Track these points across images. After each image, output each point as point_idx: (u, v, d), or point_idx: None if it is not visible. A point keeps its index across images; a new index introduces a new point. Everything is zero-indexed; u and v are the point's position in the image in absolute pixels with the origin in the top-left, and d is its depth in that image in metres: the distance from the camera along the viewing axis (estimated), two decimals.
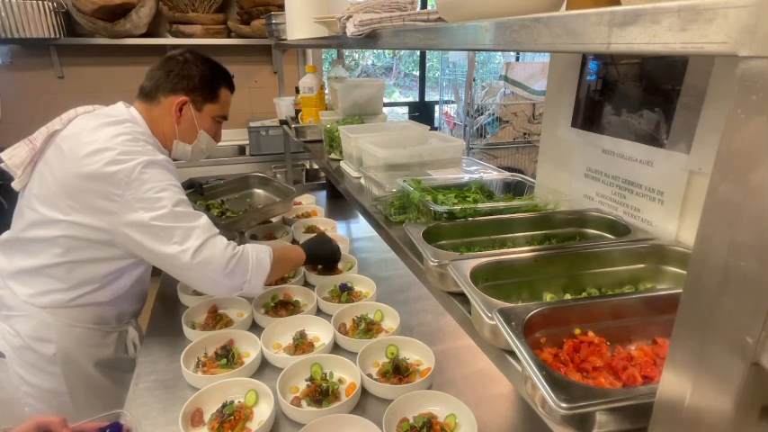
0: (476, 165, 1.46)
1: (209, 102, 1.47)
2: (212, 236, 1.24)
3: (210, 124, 1.51)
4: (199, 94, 1.44)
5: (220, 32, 3.49)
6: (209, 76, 1.45)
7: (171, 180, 1.26)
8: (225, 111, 1.53)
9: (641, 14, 0.36)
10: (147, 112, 1.42)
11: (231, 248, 1.25)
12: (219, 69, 1.51)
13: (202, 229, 1.23)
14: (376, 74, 8.54)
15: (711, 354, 0.35)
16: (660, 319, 0.69)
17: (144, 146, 1.28)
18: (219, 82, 1.48)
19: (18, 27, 2.84)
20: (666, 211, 0.91)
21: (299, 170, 3.48)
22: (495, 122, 4.58)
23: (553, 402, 0.50)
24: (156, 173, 1.23)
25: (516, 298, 0.82)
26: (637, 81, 0.95)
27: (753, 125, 0.30)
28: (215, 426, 1.11)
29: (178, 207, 1.22)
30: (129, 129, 1.30)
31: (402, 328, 1.49)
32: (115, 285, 1.38)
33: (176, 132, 1.44)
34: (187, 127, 1.45)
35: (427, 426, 1.09)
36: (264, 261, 1.31)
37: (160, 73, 1.43)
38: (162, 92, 1.41)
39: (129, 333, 1.51)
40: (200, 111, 1.46)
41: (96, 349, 1.41)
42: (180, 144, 1.47)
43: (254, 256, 1.30)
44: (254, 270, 1.29)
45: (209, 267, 1.21)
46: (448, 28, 0.70)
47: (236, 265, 1.24)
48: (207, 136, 1.51)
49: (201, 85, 1.44)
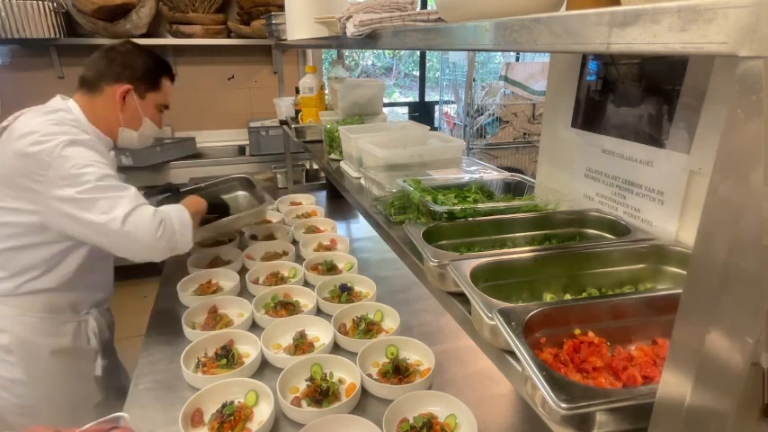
0: (476, 165, 1.46)
1: (151, 90, 1.52)
2: (140, 204, 1.29)
3: (154, 112, 1.56)
4: (142, 83, 1.49)
5: (220, 32, 3.49)
6: (151, 65, 1.51)
7: (95, 157, 1.30)
8: (166, 100, 1.60)
9: (641, 14, 0.36)
10: (89, 101, 1.46)
11: (158, 215, 1.30)
12: (160, 60, 1.57)
13: (129, 198, 1.27)
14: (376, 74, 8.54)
15: (711, 354, 0.35)
16: (660, 319, 0.69)
17: (69, 128, 1.32)
18: (161, 71, 1.55)
19: (18, 27, 2.84)
20: (666, 211, 0.91)
21: (299, 170, 3.48)
22: (495, 122, 4.57)
23: (553, 402, 0.50)
24: (78, 150, 1.27)
25: (516, 298, 0.82)
26: (637, 81, 0.95)
27: (753, 125, 0.30)
28: (215, 426, 1.11)
29: (102, 181, 1.26)
30: (57, 116, 1.36)
31: (402, 329, 1.49)
32: (58, 271, 1.40)
33: (121, 120, 1.49)
34: (131, 114, 1.50)
35: (427, 426, 1.09)
36: (186, 219, 1.39)
37: (102, 63, 1.47)
38: (105, 81, 1.45)
39: (89, 323, 1.53)
40: (144, 99, 1.51)
41: (51, 338, 1.43)
42: (125, 131, 1.52)
43: (176, 216, 1.36)
44: (180, 228, 1.36)
45: (141, 233, 1.26)
46: (448, 28, 0.70)
47: (165, 227, 1.30)
48: (151, 124, 1.57)
49: (144, 75, 1.49)
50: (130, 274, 3.35)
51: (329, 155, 1.89)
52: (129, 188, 1.31)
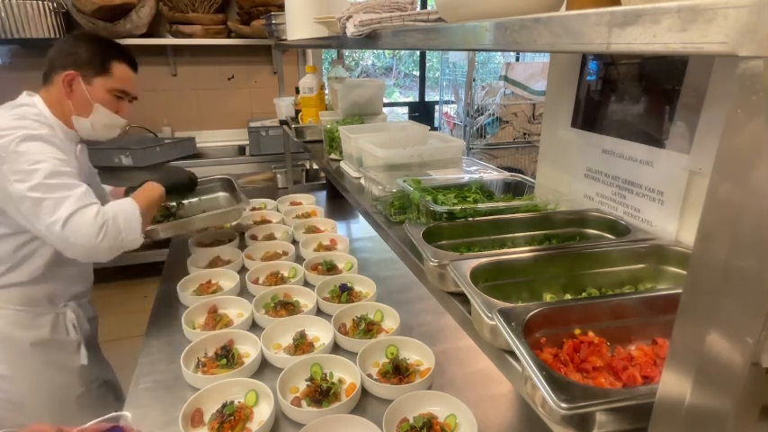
0: (476, 165, 1.46)
1: (99, 75, 1.46)
2: (84, 206, 1.26)
3: (107, 98, 1.49)
4: (88, 69, 1.45)
5: (220, 32, 3.50)
6: (96, 49, 1.46)
7: (50, 152, 1.29)
8: (123, 85, 1.52)
9: (641, 14, 0.36)
10: (47, 94, 1.46)
11: (101, 216, 1.27)
12: (111, 44, 1.52)
13: (75, 198, 1.26)
14: (376, 74, 8.54)
15: (711, 354, 0.35)
16: (660, 319, 0.69)
17: (30, 123, 1.32)
18: (110, 55, 1.48)
19: (18, 27, 2.84)
20: (666, 211, 0.91)
21: (299, 170, 3.48)
22: (495, 122, 4.57)
23: (553, 402, 0.50)
24: (33, 145, 1.27)
25: (516, 298, 0.82)
26: (637, 81, 0.95)
27: (753, 125, 0.30)
28: (215, 426, 1.11)
29: (52, 179, 1.25)
30: (21, 111, 1.37)
31: (402, 329, 1.49)
32: (30, 264, 1.41)
33: (71, 107, 1.46)
34: (80, 101, 1.46)
35: (427, 426, 1.09)
36: (133, 216, 1.36)
37: (52, 53, 1.46)
38: (54, 71, 1.44)
39: (67, 315, 1.53)
40: (91, 84, 1.46)
41: (29, 331, 1.44)
42: (79, 120, 1.48)
43: (122, 214, 1.33)
44: (127, 226, 1.33)
45: (81, 236, 1.24)
46: (448, 28, 0.70)
47: (108, 229, 1.28)
48: (105, 110, 1.49)
49: (89, 59, 1.44)
50: (131, 274, 3.36)
51: (329, 155, 1.89)
52: (77, 187, 1.29)
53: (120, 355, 1.96)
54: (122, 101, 1.54)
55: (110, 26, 3.13)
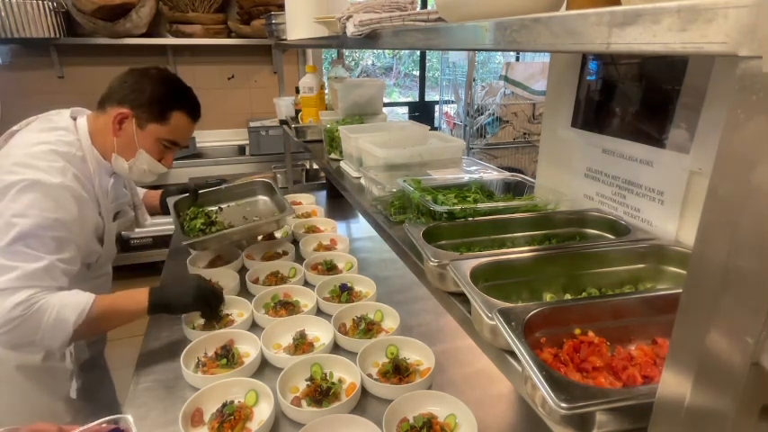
0: (476, 165, 1.46)
1: (154, 122, 1.38)
2: (16, 288, 1.14)
3: (154, 146, 1.41)
4: (144, 111, 1.36)
5: (220, 32, 3.50)
6: (162, 94, 1.37)
7: (43, 209, 1.18)
8: (177, 137, 1.44)
9: (641, 14, 0.36)
10: (95, 119, 1.38)
11: (22, 308, 1.14)
12: (180, 92, 1.42)
13: (17, 275, 1.15)
14: (376, 74, 8.54)
15: (711, 354, 0.35)
16: (660, 319, 0.69)
17: (53, 162, 1.23)
18: (173, 104, 1.39)
19: (18, 27, 2.85)
20: (666, 211, 0.91)
21: (299, 170, 3.48)
22: (495, 122, 4.58)
23: (553, 402, 0.50)
24: (31, 197, 1.18)
25: (516, 298, 0.82)
26: (637, 81, 0.95)
27: (753, 125, 0.30)
28: (215, 426, 1.11)
29: (18, 242, 1.15)
30: (54, 137, 1.29)
31: (402, 329, 1.49)
32: None
33: (114, 145, 1.38)
34: (126, 142, 1.38)
35: (427, 426, 1.09)
36: (65, 325, 1.19)
37: (116, 82, 1.39)
38: (110, 101, 1.36)
39: None
40: (143, 129, 1.38)
41: (18, 354, 1.29)
42: (118, 159, 1.40)
43: (53, 319, 1.18)
44: (47, 333, 1.18)
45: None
46: (448, 28, 0.70)
47: (18, 325, 1.15)
48: (148, 157, 1.41)
49: (150, 103, 1.36)
50: (131, 274, 3.36)
51: (329, 155, 1.89)
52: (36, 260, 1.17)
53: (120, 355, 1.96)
54: (169, 150, 1.46)
55: (110, 26, 3.14)
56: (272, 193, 2.08)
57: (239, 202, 2.07)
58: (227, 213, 1.99)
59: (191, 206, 1.92)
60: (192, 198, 1.93)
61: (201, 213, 1.88)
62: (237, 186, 2.11)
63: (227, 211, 2.00)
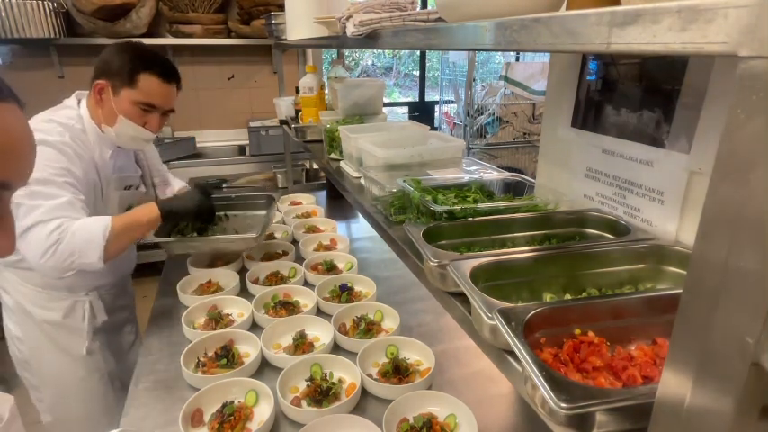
0: (476, 165, 1.46)
1: (125, 86, 1.45)
2: (48, 220, 1.27)
3: (131, 110, 1.47)
4: (116, 79, 1.45)
5: (220, 32, 3.50)
6: (127, 61, 1.45)
7: (51, 161, 1.33)
8: (151, 99, 1.48)
9: (641, 14, 0.36)
10: (89, 98, 1.52)
11: (57, 233, 1.27)
12: (144, 55, 1.48)
13: (44, 210, 1.27)
14: (376, 74, 8.54)
15: (711, 354, 0.35)
16: (660, 319, 0.69)
17: (53, 127, 1.38)
18: (138, 67, 1.45)
19: (18, 27, 2.84)
20: (666, 211, 0.91)
21: (299, 170, 3.48)
22: (495, 122, 4.58)
23: (553, 402, 0.50)
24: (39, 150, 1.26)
25: (516, 298, 0.82)
26: (637, 81, 0.95)
27: (753, 125, 0.30)
28: (215, 426, 1.11)
29: (36, 186, 1.27)
30: (57, 113, 1.45)
31: (402, 329, 1.49)
32: None
33: (101, 116, 1.50)
34: (108, 111, 1.48)
35: (427, 426, 1.09)
36: (95, 238, 1.32)
37: (97, 60, 1.50)
38: (93, 78, 1.48)
39: (86, 303, 1.59)
40: (117, 95, 1.46)
41: (41, 310, 1.54)
42: (106, 128, 1.50)
43: (83, 235, 1.30)
44: (83, 249, 1.30)
45: (29, 251, 1.27)
46: (448, 28, 0.70)
47: (56, 249, 1.27)
48: (129, 122, 1.48)
49: (118, 70, 1.45)
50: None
51: (329, 155, 1.89)
52: (56, 198, 1.29)
53: None
54: (150, 114, 1.51)
55: (110, 26, 3.14)
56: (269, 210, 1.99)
57: (247, 213, 2.06)
58: (233, 222, 1.97)
59: None
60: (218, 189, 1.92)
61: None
62: (248, 197, 2.09)
63: (233, 221, 1.98)
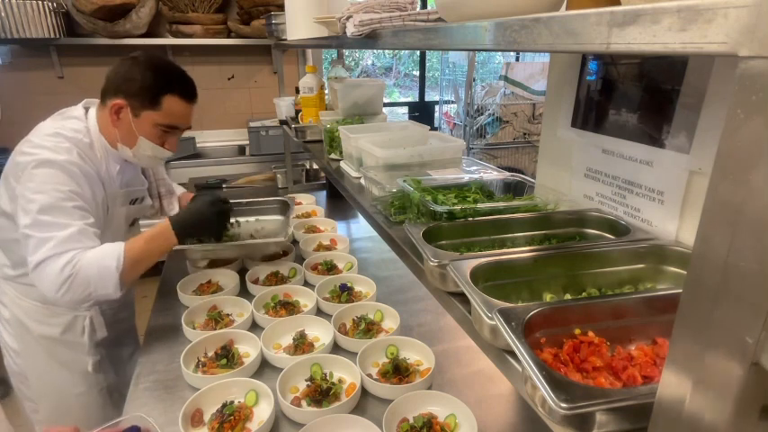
0: (476, 165, 1.46)
1: (147, 108, 1.39)
2: (59, 253, 1.23)
3: (152, 132, 1.42)
4: (137, 100, 1.38)
5: (220, 32, 3.49)
6: (151, 81, 1.38)
7: (57, 183, 1.27)
8: (173, 120, 1.44)
9: (641, 14, 0.36)
10: (100, 111, 1.44)
11: (69, 268, 1.23)
12: (168, 76, 1.42)
13: (55, 242, 1.23)
14: (376, 74, 8.54)
15: (711, 354, 0.35)
16: (660, 319, 0.69)
17: (59, 143, 1.31)
18: (163, 90, 1.39)
19: (18, 27, 2.84)
20: (666, 211, 0.91)
21: (299, 170, 3.47)
22: (495, 122, 4.58)
23: (553, 402, 0.50)
24: (43, 173, 1.26)
25: (516, 298, 0.82)
26: (637, 81, 0.95)
27: (753, 125, 0.30)
28: (215, 426, 1.11)
29: (43, 215, 1.23)
30: (64, 124, 1.37)
31: (402, 329, 1.49)
32: None
33: (117, 135, 1.42)
34: (126, 131, 1.41)
35: (427, 426, 1.09)
36: (108, 270, 1.27)
37: (111, 73, 1.41)
38: (108, 94, 1.39)
39: (86, 319, 1.52)
40: (138, 117, 1.39)
41: (40, 325, 1.49)
42: (123, 147, 1.44)
43: (96, 268, 1.26)
44: (98, 281, 1.27)
45: (44, 285, 1.25)
46: (448, 28, 0.70)
47: (71, 284, 1.24)
48: (149, 143, 1.43)
49: (141, 91, 1.37)
50: None
51: (329, 155, 1.89)
52: (66, 228, 1.25)
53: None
54: (170, 134, 1.47)
55: (110, 26, 3.14)
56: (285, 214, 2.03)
57: (259, 218, 2.08)
58: (244, 228, 1.97)
59: None
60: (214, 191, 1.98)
61: None
62: (259, 202, 2.11)
63: (244, 226, 1.99)
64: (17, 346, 1.51)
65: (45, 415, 1.57)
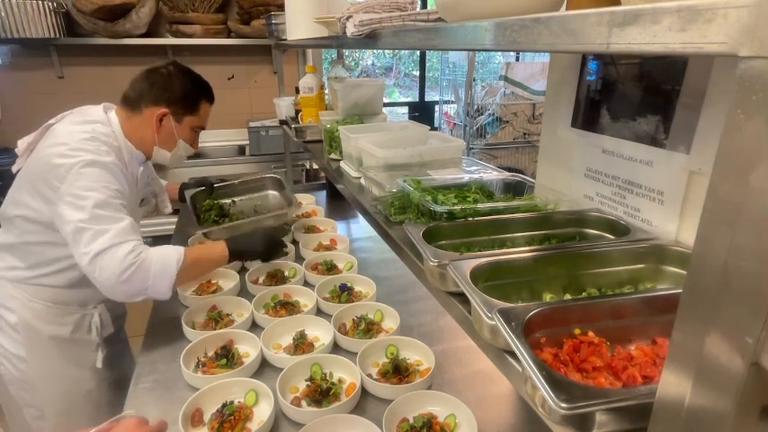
0: (476, 165, 1.46)
1: (189, 114, 1.55)
2: (119, 243, 1.27)
3: (189, 134, 1.59)
4: (179, 107, 1.52)
5: (220, 32, 3.49)
6: (190, 89, 1.53)
7: (106, 182, 1.33)
8: (203, 122, 1.62)
9: (641, 14, 0.36)
10: (128, 119, 1.51)
11: (132, 256, 1.27)
12: (201, 83, 1.58)
13: (113, 233, 1.27)
14: (376, 74, 8.54)
15: (711, 354, 0.35)
16: (660, 319, 0.69)
17: (99, 146, 1.37)
18: (200, 95, 1.56)
19: (18, 27, 2.84)
20: (666, 211, 0.91)
21: (299, 170, 3.47)
22: (495, 122, 4.58)
23: (553, 402, 0.50)
24: (93, 172, 1.31)
25: (516, 298, 0.82)
26: (637, 81, 0.95)
27: (753, 125, 0.30)
28: (215, 426, 1.11)
29: (99, 209, 1.28)
30: (93, 128, 1.41)
31: (402, 329, 1.49)
32: (69, 273, 1.45)
33: (156, 140, 1.53)
34: (167, 136, 1.54)
35: (427, 426, 1.09)
36: (170, 267, 1.34)
37: (144, 84, 1.50)
38: (144, 103, 1.49)
39: (93, 317, 1.58)
40: (180, 122, 1.54)
41: (51, 326, 1.50)
42: (160, 151, 1.56)
43: (158, 262, 1.32)
44: (156, 277, 1.32)
45: (104, 274, 1.26)
46: (448, 28, 0.70)
47: (132, 273, 1.27)
48: (185, 145, 1.60)
49: (182, 99, 1.51)
50: None
51: (329, 155, 1.89)
52: (121, 221, 1.30)
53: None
54: (197, 134, 1.63)
55: (110, 26, 3.13)
56: (281, 188, 2.19)
57: (252, 195, 2.19)
58: (240, 206, 2.10)
59: (206, 199, 2.05)
60: (208, 192, 2.08)
61: (216, 206, 2.02)
62: (250, 181, 2.22)
63: (240, 205, 2.11)
64: (24, 351, 1.49)
65: (53, 419, 1.56)
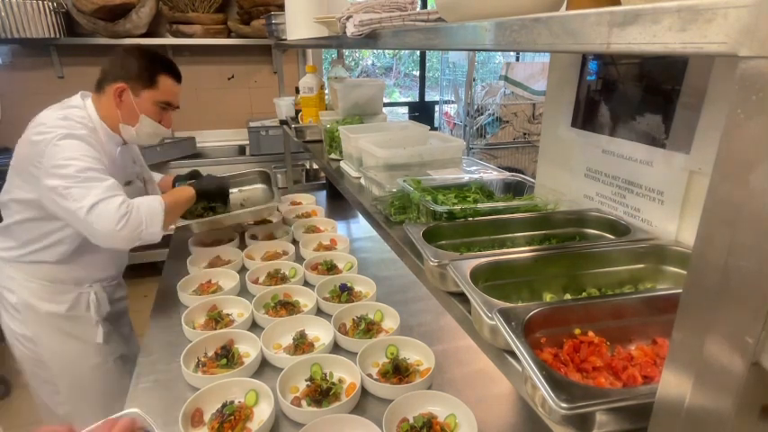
0: (476, 165, 1.46)
1: (147, 88, 1.58)
2: (110, 196, 1.37)
3: (151, 109, 1.60)
4: (137, 82, 1.56)
5: (220, 32, 3.49)
6: (146, 64, 1.57)
7: (84, 151, 1.41)
8: (168, 97, 1.63)
9: (641, 14, 0.36)
10: (98, 101, 1.59)
11: (125, 207, 1.38)
12: (158, 58, 1.62)
13: (102, 189, 1.37)
14: (376, 74, 8.54)
15: (711, 354, 0.35)
16: (660, 319, 0.69)
17: (72, 124, 1.45)
18: (157, 70, 1.59)
19: (18, 27, 2.84)
20: (666, 211, 0.91)
21: (299, 170, 3.47)
22: (495, 122, 4.57)
23: (553, 402, 0.50)
24: (71, 144, 1.40)
25: (516, 298, 0.82)
26: (637, 81, 0.95)
27: (753, 125, 0.30)
28: (215, 426, 1.11)
29: (82, 173, 1.37)
30: (69, 111, 1.50)
31: (402, 328, 1.49)
32: (58, 247, 1.54)
33: (119, 116, 1.58)
34: (128, 112, 1.58)
35: (427, 426, 1.09)
36: (156, 211, 1.47)
37: (106, 64, 1.59)
38: (107, 81, 1.56)
39: (90, 295, 1.66)
40: (139, 96, 1.57)
41: (47, 303, 1.59)
42: (125, 127, 1.60)
43: (146, 208, 1.44)
44: (148, 221, 1.43)
45: (103, 222, 1.35)
46: (448, 28, 0.70)
47: (128, 220, 1.38)
48: (150, 120, 1.61)
49: (138, 73, 1.56)
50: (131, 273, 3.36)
51: (329, 155, 1.89)
52: (105, 180, 1.40)
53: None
54: (166, 111, 1.65)
55: (110, 26, 3.14)
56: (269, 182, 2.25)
57: (242, 189, 2.23)
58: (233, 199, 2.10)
59: None
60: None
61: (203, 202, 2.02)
62: (239, 175, 2.27)
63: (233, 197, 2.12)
64: (29, 331, 1.59)
65: (66, 394, 1.66)
